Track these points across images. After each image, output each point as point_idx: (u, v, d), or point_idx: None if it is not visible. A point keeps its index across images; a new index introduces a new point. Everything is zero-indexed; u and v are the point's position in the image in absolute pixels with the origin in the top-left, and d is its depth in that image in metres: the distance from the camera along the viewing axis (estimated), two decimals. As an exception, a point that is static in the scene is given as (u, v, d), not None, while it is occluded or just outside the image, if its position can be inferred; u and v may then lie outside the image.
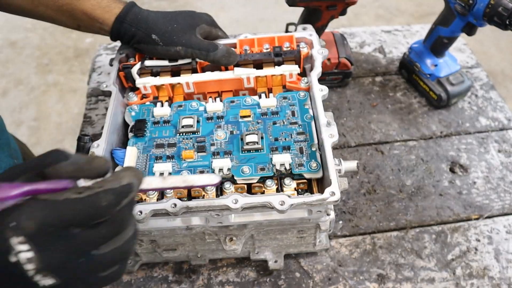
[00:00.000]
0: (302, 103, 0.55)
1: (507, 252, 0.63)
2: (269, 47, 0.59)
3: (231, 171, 0.49)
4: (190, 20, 0.57)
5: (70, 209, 0.28)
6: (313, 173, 0.49)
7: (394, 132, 0.77)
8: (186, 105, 0.57)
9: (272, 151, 0.50)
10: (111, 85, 0.56)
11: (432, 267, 0.61)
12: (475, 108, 0.81)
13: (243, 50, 0.59)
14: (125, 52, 0.60)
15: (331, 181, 0.45)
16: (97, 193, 0.28)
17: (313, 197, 0.44)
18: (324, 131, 0.49)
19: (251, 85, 0.58)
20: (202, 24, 0.57)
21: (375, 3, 2.20)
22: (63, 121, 1.76)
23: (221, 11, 2.16)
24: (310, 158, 0.50)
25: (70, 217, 0.28)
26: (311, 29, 0.61)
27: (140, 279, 0.60)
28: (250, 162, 0.50)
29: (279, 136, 0.52)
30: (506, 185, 0.70)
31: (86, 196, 0.28)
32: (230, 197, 0.45)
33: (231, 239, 0.52)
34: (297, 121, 0.53)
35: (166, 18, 0.56)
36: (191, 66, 0.58)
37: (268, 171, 0.49)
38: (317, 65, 0.56)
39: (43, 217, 0.27)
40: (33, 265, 0.27)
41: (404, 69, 0.84)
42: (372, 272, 0.61)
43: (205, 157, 0.51)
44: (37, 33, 2.10)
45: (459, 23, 0.70)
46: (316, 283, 0.59)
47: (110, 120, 0.52)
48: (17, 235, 0.27)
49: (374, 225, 0.65)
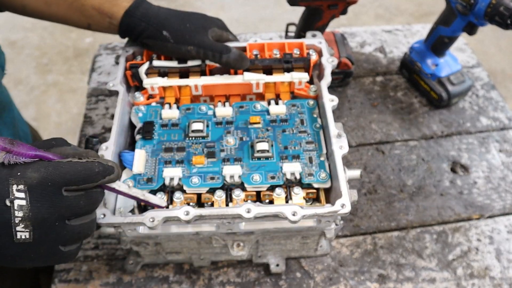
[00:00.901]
0: (310, 111, 0.56)
1: (508, 252, 0.63)
2: (279, 53, 0.59)
3: (242, 179, 0.49)
4: (203, 22, 0.56)
5: (72, 169, 0.34)
6: (322, 183, 0.49)
7: (395, 132, 0.76)
8: (194, 108, 0.56)
9: (282, 159, 0.50)
10: (118, 85, 0.55)
11: (433, 267, 0.61)
12: (476, 107, 0.80)
13: (252, 54, 0.59)
14: (132, 49, 0.59)
15: (342, 193, 0.45)
16: (93, 162, 0.35)
17: (325, 209, 0.44)
18: (335, 142, 0.49)
19: (259, 90, 0.58)
20: (214, 27, 0.56)
21: (375, 2, 2.20)
22: (63, 121, 1.76)
23: (221, 11, 2.16)
24: (320, 167, 0.50)
25: (69, 176, 0.34)
26: (320, 37, 0.60)
27: (140, 279, 0.60)
28: (260, 169, 0.49)
29: (288, 144, 0.52)
30: (507, 185, 0.70)
31: (85, 161, 0.35)
32: (243, 206, 0.44)
33: (238, 244, 0.52)
34: (306, 130, 0.53)
35: (179, 16, 0.55)
36: (200, 68, 0.57)
37: (278, 179, 0.49)
38: (326, 74, 0.56)
39: (47, 173, 0.33)
40: (21, 213, 0.32)
41: (405, 68, 0.84)
42: (373, 272, 0.61)
43: (215, 163, 0.50)
44: (37, 33, 2.10)
45: (460, 23, 0.70)
46: (317, 283, 0.59)
47: (118, 121, 0.51)
48: (19, 184, 0.32)
49: (375, 225, 0.65)
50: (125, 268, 0.58)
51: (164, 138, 0.53)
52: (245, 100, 0.60)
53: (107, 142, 0.49)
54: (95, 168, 0.35)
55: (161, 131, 0.54)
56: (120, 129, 0.52)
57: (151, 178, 0.49)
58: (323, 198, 0.50)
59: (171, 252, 0.56)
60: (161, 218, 0.43)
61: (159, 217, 0.43)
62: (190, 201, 0.49)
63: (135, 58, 0.59)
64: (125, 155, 0.50)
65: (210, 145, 0.52)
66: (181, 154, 0.51)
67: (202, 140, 0.53)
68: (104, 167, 0.36)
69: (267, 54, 0.59)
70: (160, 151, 0.52)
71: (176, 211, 0.44)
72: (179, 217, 0.43)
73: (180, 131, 0.54)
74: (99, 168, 0.36)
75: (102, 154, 0.48)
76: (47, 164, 0.33)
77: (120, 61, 0.58)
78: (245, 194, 0.48)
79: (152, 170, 0.50)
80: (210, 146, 0.52)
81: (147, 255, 0.57)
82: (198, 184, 0.48)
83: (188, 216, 0.43)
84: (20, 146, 0.33)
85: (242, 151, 0.51)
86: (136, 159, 0.50)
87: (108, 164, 0.37)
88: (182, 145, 0.52)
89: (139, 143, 0.53)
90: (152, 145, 0.53)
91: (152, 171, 0.50)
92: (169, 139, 0.53)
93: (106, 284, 0.59)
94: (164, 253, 0.56)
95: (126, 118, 0.55)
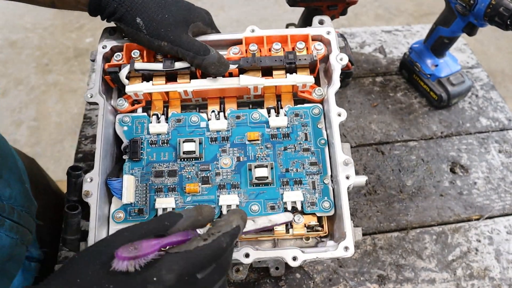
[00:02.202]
0: (315, 121, 0.50)
1: (507, 253, 0.63)
2: (280, 48, 0.50)
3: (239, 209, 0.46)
4: (186, 14, 0.49)
5: (202, 255, 0.32)
6: (325, 213, 0.47)
7: (394, 133, 0.76)
8: (185, 119, 0.50)
9: (283, 185, 0.47)
10: (97, 95, 0.48)
11: (432, 268, 0.61)
12: (476, 108, 0.80)
13: (249, 49, 0.51)
14: (109, 44, 0.51)
15: (346, 234, 0.43)
16: (219, 237, 0.33)
17: (327, 254, 0.43)
18: (341, 171, 0.45)
19: (258, 93, 0.52)
20: (198, 22, 0.50)
21: (375, 3, 2.20)
22: (63, 121, 1.76)
23: (220, 11, 2.16)
24: (323, 194, 0.47)
25: (202, 263, 0.32)
26: (329, 24, 0.51)
27: (140, 279, 0.60)
28: (259, 197, 0.47)
29: (290, 166, 0.48)
30: (507, 186, 0.70)
31: (211, 242, 0.33)
32: (241, 251, 0.43)
33: (237, 270, 0.52)
34: (309, 147, 0.49)
35: (158, 3, 0.48)
36: (190, 70, 0.50)
37: (278, 209, 0.46)
38: (335, 78, 0.49)
39: (180, 269, 0.31)
40: None
41: (404, 69, 0.84)
42: (372, 273, 0.61)
43: (210, 189, 0.47)
44: (37, 33, 2.10)
45: (459, 23, 0.70)
46: (317, 284, 0.59)
47: (102, 145, 0.46)
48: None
49: (374, 226, 0.65)
50: None
51: (153, 158, 0.49)
52: (242, 99, 0.55)
53: (91, 173, 0.45)
54: (223, 244, 0.33)
55: (150, 149, 0.49)
56: (104, 151, 0.47)
57: (142, 209, 0.46)
58: (326, 225, 0.48)
59: None
60: None
61: None
62: None
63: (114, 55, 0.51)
64: (113, 183, 0.46)
65: (204, 168, 0.48)
66: (173, 179, 0.48)
67: (195, 161, 0.48)
68: (230, 235, 0.34)
69: (266, 48, 0.51)
70: (150, 174, 0.48)
71: None
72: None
73: (170, 150, 0.49)
74: (226, 240, 0.34)
75: (87, 190, 0.44)
76: (178, 259, 0.32)
77: (96, 60, 0.50)
78: None
79: (143, 199, 0.47)
80: (204, 169, 0.48)
81: None
82: None
83: None
84: (142, 245, 0.31)
85: (239, 175, 0.48)
86: (125, 187, 0.45)
87: (233, 226, 0.35)
88: (174, 167, 0.48)
89: (126, 165, 0.48)
90: (141, 167, 0.48)
91: (143, 200, 0.47)
92: (159, 159, 0.49)
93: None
94: None
95: (110, 131, 0.50)
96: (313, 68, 0.51)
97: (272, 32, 0.51)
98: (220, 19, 2.12)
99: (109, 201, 0.47)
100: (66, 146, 1.68)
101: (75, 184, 0.45)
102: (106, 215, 0.46)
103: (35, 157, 0.74)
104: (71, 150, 1.65)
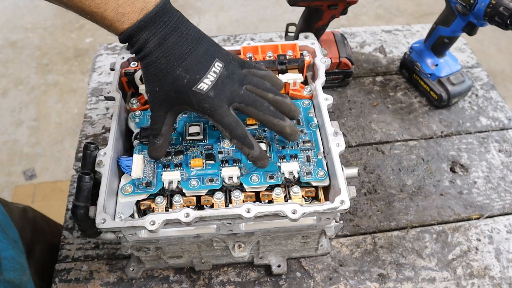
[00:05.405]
0: (306, 111, 0.56)
1: (507, 252, 0.63)
2: (272, 55, 0.59)
3: (240, 180, 0.49)
4: (240, 77, 0.46)
5: None
6: (321, 181, 0.49)
7: (394, 132, 0.77)
8: (191, 112, 0.56)
9: (280, 159, 0.51)
10: (114, 91, 0.54)
11: (433, 267, 0.61)
12: (476, 107, 0.81)
13: (246, 57, 0.59)
14: (128, 56, 0.58)
15: (341, 189, 0.45)
16: None
17: (324, 206, 0.45)
18: (331, 140, 0.49)
19: None
20: (184, 105, 0.46)
21: (375, 3, 2.20)
22: (63, 121, 1.76)
23: (220, 11, 2.16)
24: (317, 166, 0.50)
25: None
26: (313, 38, 0.61)
27: (141, 279, 0.60)
28: (259, 170, 0.50)
29: (286, 144, 0.53)
30: (507, 185, 0.70)
31: None
32: (243, 206, 0.44)
33: (239, 246, 0.52)
34: (302, 129, 0.54)
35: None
36: None
37: (277, 179, 0.49)
38: (320, 74, 0.56)
39: None
40: None
41: (404, 68, 0.84)
42: (373, 272, 0.61)
43: (213, 165, 0.50)
44: (37, 33, 2.10)
45: (460, 23, 0.70)
46: (317, 283, 0.59)
47: (116, 127, 0.51)
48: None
49: (374, 225, 0.65)
50: (126, 273, 0.58)
51: None
52: None
53: (105, 148, 0.49)
54: None
55: None
56: (117, 134, 0.51)
57: (150, 182, 0.49)
58: (322, 196, 0.50)
59: (172, 257, 0.56)
60: (162, 221, 0.43)
61: (159, 220, 0.43)
62: (190, 204, 0.49)
63: (130, 64, 0.59)
64: (123, 160, 0.50)
65: (208, 148, 0.52)
66: (179, 157, 0.51)
67: (200, 143, 0.53)
68: None
69: (261, 56, 0.59)
70: None
71: (176, 214, 0.44)
72: (180, 219, 0.43)
73: (176, 135, 0.54)
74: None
75: (101, 159, 0.48)
76: None
77: (115, 67, 0.57)
78: (244, 195, 0.49)
79: (150, 174, 0.50)
80: (208, 148, 0.52)
81: (148, 261, 0.57)
82: (197, 187, 0.48)
83: (189, 218, 0.44)
84: None
85: (240, 153, 0.52)
86: (135, 164, 0.49)
87: None
88: (180, 148, 0.52)
89: (137, 148, 0.52)
90: None
91: (151, 175, 0.50)
92: None
93: (107, 284, 0.59)
94: (165, 258, 0.56)
95: (123, 124, 0.55)
96: (301, 69, 0.58)
97: (265, 43, 0.61)
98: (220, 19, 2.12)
99: (118, 178, 0.50)
100: (66, 146, 1.68)
101: (90, 156, 0.48)
102: (115, 190, 0.49)
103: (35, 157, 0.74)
104: (71, 150, 1.65)
